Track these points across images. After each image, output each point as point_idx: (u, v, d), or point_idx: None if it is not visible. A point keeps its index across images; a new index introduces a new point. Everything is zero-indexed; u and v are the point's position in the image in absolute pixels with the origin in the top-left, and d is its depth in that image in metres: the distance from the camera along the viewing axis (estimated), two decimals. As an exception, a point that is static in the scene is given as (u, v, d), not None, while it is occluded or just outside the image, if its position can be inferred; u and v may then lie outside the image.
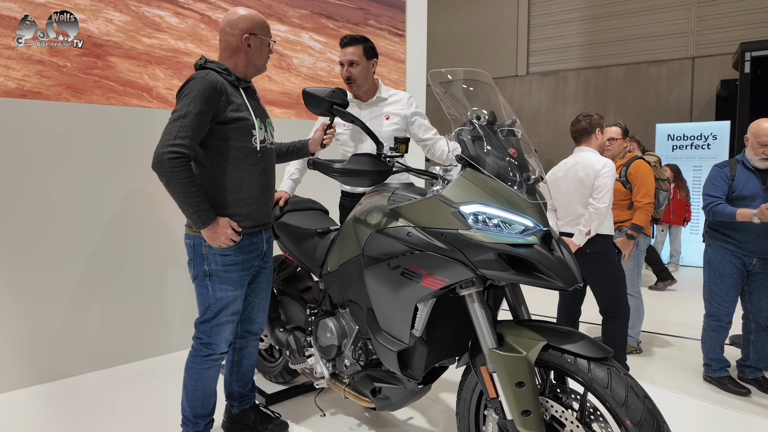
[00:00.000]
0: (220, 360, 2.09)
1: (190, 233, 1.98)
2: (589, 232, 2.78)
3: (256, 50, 2.00)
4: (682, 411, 2.71)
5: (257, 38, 1.98)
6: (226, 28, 1.96)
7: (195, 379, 2.05)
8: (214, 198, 1.92)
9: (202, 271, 1.97)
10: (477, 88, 1.82)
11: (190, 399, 2.07)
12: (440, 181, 1.74)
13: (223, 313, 2.01)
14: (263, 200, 2.05)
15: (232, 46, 1.97)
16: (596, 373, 1.44)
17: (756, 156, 2.87)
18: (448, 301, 1.81)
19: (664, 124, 7.51)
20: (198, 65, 1.96)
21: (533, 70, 13.09)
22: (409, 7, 4.75)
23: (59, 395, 2.77)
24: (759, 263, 2.92)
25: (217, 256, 1.95)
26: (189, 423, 2.10)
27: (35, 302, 2.87)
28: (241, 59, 1.99)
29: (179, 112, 1.81)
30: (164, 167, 1.76)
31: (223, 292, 1.98)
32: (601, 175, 2.78)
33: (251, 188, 1.98)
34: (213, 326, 2.00)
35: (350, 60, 2.49)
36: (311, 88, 1.81)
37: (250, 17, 1.97)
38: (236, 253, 1.98)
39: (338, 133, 2.67)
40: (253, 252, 2.05)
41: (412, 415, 2.54)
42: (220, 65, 1.95)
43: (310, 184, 3.14)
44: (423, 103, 4.97)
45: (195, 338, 2.05)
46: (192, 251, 1.98)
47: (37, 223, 2.86)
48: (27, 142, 2.80)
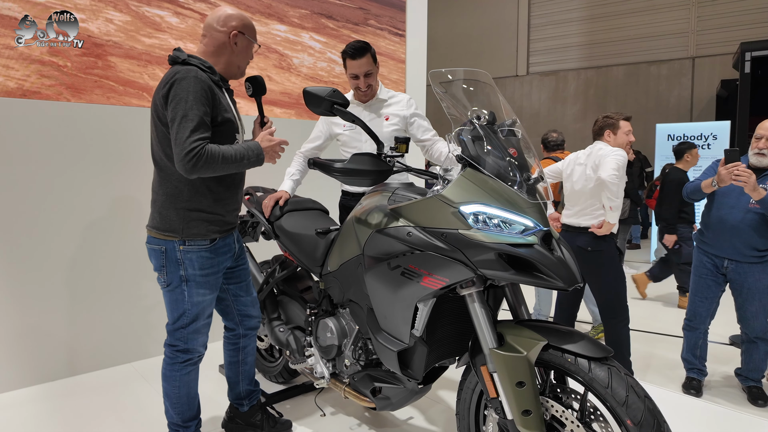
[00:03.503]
0: (199, 361, 2.03)
1: (159, 237, 1.87)
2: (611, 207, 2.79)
3: (242, 51, 1.95)
4: (682, 411, 2.71)
5: (245, 38, 1.94)
6: (214, 24, 1.89)
7: (177, 386, 1.98)
8: (191, 202, 1.85)
9: (177, 277, 1.87)
10: (477, 88, 1.82)
11: (175, 406, 2.01)
12: (440, 181, 1.73)
13: (200, 318, 1.95)
14: (237, 200, 2.04)
15: (218, 42, 1.90)
16: (597, 373, 1.44)
17: (750, 151, 2.77)
18: (449, 301, 1.81)
19: (664, 124, 7.51)
20: (180, 59, 1.81)
21: (533, 70, 13.09)
22: (409, 7, 4.75)
23: (59, 395, 2.77)
24: (731, 266, 2.81)
25: (194, 261, 1.87)
26: (180, 428, 2.04)
27: (35, 302, 2.87)
28: (224, 57, 1.92)
29: (181, 113, 1.70)
30: (198, 167, 1.69)
31: (200, 296, 1.92)
32: (605, 164, 2.81)
33: (229, 190, 1.96)
34: (190, 332, 1.94)
35: (366, 71, 2.47)
36: (312, 88, 1.81)
37: (240, 16, 1.93)
38: (212, 255, 1.92)
39: (338, 134, 2.67)
40: (226, 253, 2.01)
41: (412, 415, 2.54)
42: (204, 62, 1.84)
43: (310, 184, 3.14)
44: (423, 103, 4.97)
45: (168, 345, 1.97)
46: (164, 257, 1.87)
47: (38, 223, 2.86)
48: (27, 142, 2.80)
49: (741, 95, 7.80)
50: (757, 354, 2.85)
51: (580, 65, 12.39)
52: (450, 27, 13.76)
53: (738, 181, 2.56)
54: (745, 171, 2.55)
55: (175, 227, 1.85)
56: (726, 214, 2.80)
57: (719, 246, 2.82)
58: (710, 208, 2.91)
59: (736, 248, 2.76)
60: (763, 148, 2.70)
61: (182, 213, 1.85)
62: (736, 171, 2.56)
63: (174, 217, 1.85)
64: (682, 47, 11.17)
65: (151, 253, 1.92)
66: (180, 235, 1.85)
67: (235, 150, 1.79)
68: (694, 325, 2.96)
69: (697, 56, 11.02)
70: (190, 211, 1.85)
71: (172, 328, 1.95)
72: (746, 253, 2.74)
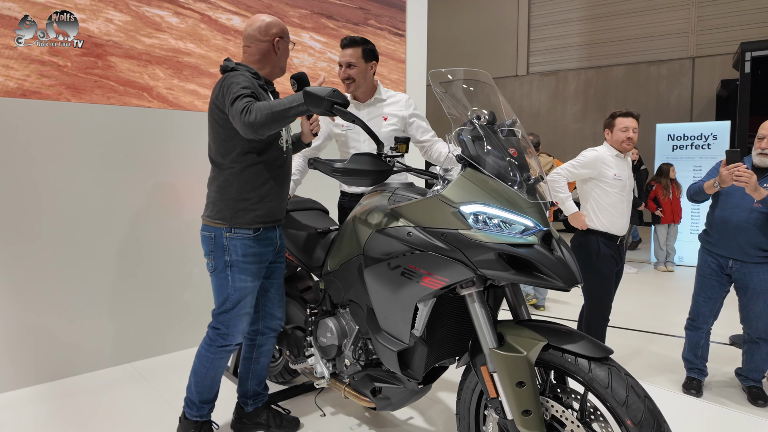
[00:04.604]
0: (233, 351, 2.14)
1: (210, 224, 2.04)
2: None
3: (283, 53, 2.12)
4: (682, 411, 2.71)
5: (284, 41, 2.10)
6: (256, 35, 2.05)
7: (207, 367, 2.11)
8: (240, 194, 2.01)
9: (222, 262, 2.03)
10: (477, 88, 1.82)
11: (199, 384, 2.13)
12: (440, 181, 1.74)
13: (242, 304, 2.07)
14: (282, 197, 2.15)
15: (263, 51, 2.06)
16: (597, 373, 1.44)
17: (753, 151, 2.77)
18: (449, 301, 1.81)
19: (664, 124, 7.51)
20: (228, 68, 2.01)
21: (533, 70, 13.10)
22: (409, 7, 4.75)
23: (59, 395, 2.77)
24: (736, 266, 2.80)
25: (238, 247, 2.02)
26: (194, 407, 2.15)
27: (35, 302, 2.87)
28: (269, 63, 2.09)
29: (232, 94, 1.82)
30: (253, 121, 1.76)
31: (243, 282, 2.05)
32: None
33: (274, 186, 2.08)
34: (232, 317, 2.07)
35: (348, 62, 2.52)
36: (312, 88, 1.81)
37: (277, 23, 2.08)
38: (255, 245, 2.05)
39: (337, 134, 2.67)
40: (269, 246, 2.12)
41: (412, 415, 2.54)
42: (249, 69, 2.02)
43: (310, 184, 3.14)
44: (423, 103, 4.97)
45: (211, 327, 2.11)
46: (212, 243, 2.03)
47: (38, 223, 2.86)
48: (27, 141, 2.80)
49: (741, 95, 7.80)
50: (759, 354, 2.85)
51: (580, 65, 12.40)
52: (450, 27, 13.76)
53: (739, 181, 2.56)
54: (746, 171, 2.56)
55: (224, 215, 2.02)
56: (730, 214, 2.80)
57: (724, 246, 2.82)
58: (714, 208, 2.92)
59: (741, 248, 2.76)
60: (766, 148, 2.71)
61: (231, 203, 2.01)
62: (737, 171, 2.57)
63: (224, 206, 2.02)
64: (682, 47, 11.18)
65: (203, 240, 2.09)
66: (228, 223, 2.01)
67: (280, 101, 1.86)
68: (697, 325, 2.96)
69: (697, 56, 11.02)
70: (238, 201, 2.01)
71: (217, 312, 2.09)
72: (751, 253, 2.75)
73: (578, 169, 2.99)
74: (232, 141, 1.97)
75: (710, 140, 6.99)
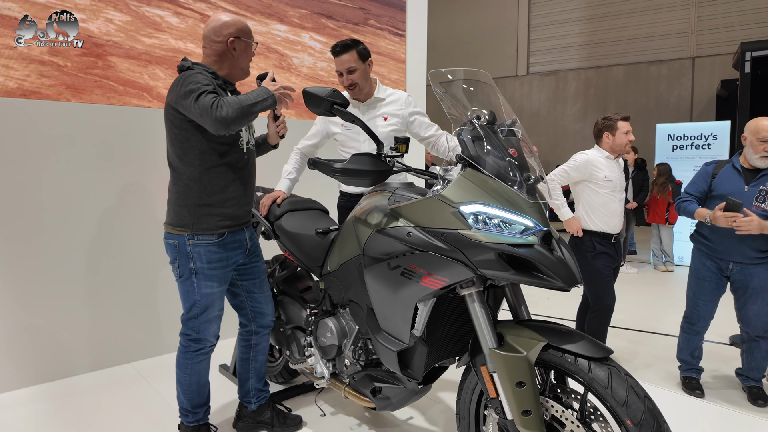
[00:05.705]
0: (210, 351, 2.14)
1: (172, 232, 2.01)
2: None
3: (242, 53, 2.04)
4: (682, 411, 2.71)
5: (242, 42, 2.02)
6: (211, 35, 1.99)
7: (189, 374, 2.10)
8: (201, 199, 1.96)
9: (187, 270, 2.00)
10: (477, 88, 1.82)
11: (186, 392, 2.13)
12: (440, 181, 1.73)
13: (210, 309, 2.05)
14: (247, 199, 2.12)
15: (218, 51, 2.00)
16: (596, 373, 1.44)
17: (756, 154, 2.73)
18: (448, 301, 1.81)
19: (664, 124, 7.51)
20: (185, 67, 1.96)
21: (533, 70, 13.10)
22: (409, 7, 4.75)
23: (59, 395, 2.77)
24: (737, 268, 2.79)
25: (203, 254, 1.99)
26: (189, 413, 2.15)
27: (35, 302, 2.87)
28: (227, 63, 2.02)
29: (194, 92, 1.78)
30: (225, 116, 1.73)
31: (209, 288, 2.03)
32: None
33: (236, 189, 2.04)
34: (201, 322, 2.05)
35: (348, 67, 2.44)
36: (312, 88, 1.81)
37: (233, 22, 2.00)
38: (221, 250, 2.02)
39: (336, 133, 2.66)
40: (236, 249, 2.09)
41: (412, 415, 2.54)
42: (207, 68, 1.97)
43: (310, 184, 3.14)
44: (423, 103, 4.97)
45: (182, 335, 2.09)
46: (176, 250, 2.00)
47: (37, 223, 2.86)
48: (27, 141, 2.80)
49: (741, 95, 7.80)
50: (759, 352, 2.86)
51: (580, 65, 12.40)
52: (450, 27, 13.76)
53: (741, 231, 2.59)
54: (744, 221, 2.57)
55: (186, 222, 1.97)
56: None
57: (726, 250, 2.81)
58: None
59: (742, 251, 2.77)
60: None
61: (192, 209, 1.97)
62: (736, 224, 2.59)
63: (185, 213, 1.97)
64: (682, 47, 11.18)
65: (167, 248, 2.05)
66: (190, 230, 1.97)
67: (247, 96, 1.84)
68: (697, 328, 2.96)
69: (697, 56, 11.03)
70: (199, 206, 1.97)
71: (185, 318, 2.07)
72: (752, 255, 2.75)
73: (571, 173, 3.06)
74: (189, 142, 1.92)
75: (710, 140, 6.99)
